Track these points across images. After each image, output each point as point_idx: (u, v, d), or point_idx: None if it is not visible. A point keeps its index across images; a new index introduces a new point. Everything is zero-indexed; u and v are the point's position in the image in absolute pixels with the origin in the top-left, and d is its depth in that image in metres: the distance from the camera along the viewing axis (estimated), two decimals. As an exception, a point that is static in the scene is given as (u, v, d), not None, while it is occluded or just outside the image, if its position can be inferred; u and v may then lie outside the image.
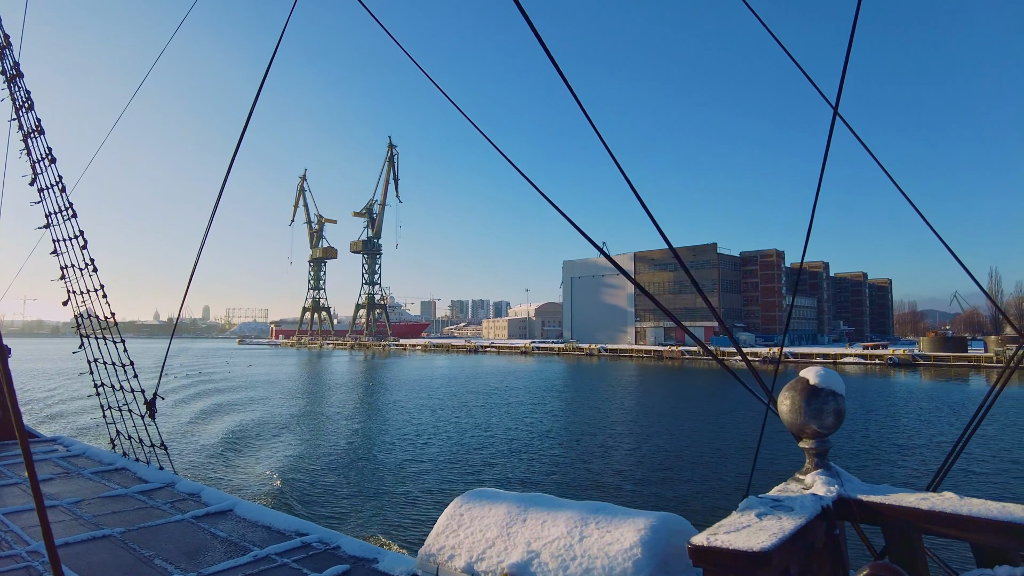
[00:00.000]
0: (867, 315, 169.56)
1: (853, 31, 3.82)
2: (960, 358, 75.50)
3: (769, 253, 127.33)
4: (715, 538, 2.27)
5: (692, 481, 19.58)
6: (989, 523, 2.33)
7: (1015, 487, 18.67)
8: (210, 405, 37.74)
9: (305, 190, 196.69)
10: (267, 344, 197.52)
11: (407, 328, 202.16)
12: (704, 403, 42.02)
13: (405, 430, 29.12)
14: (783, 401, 3.02)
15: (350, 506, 16.97)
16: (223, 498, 6.74)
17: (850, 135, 4.33)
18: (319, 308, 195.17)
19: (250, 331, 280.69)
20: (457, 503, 3.63)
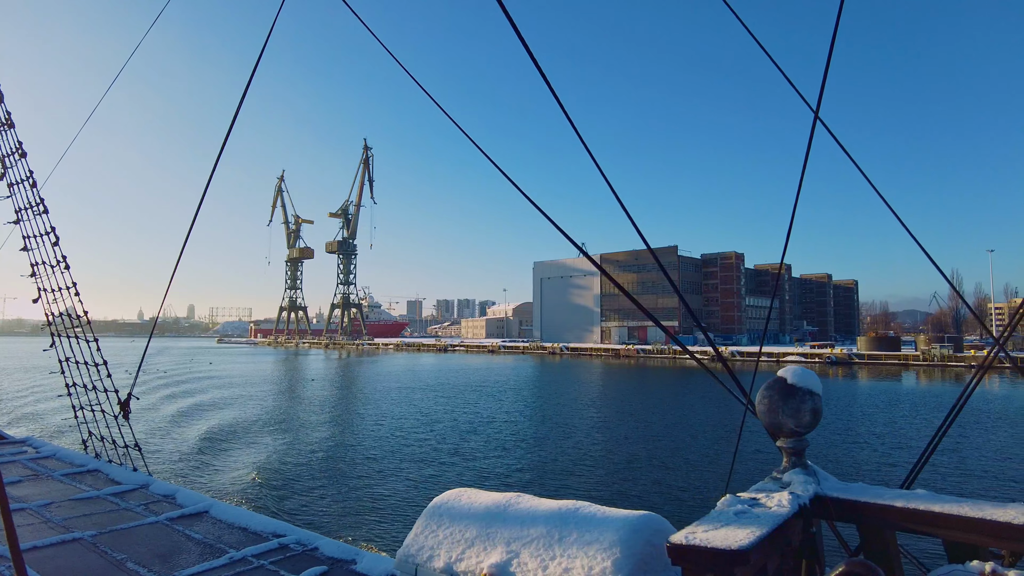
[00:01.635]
0: (831, 315, 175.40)
1: (832, 43, 3.88)
2: (891, 357, 79.53)
3: (728, 255, 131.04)
4: (693, 537, 2.29)
5: (671, 480, 19.69)
6: (960, 520, 2.39)
7: (985, 484, 19.12)
8: (187, 406, 36.96)
9: (283, 191, 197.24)
10: (246, 343, 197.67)
11: (386, 328, 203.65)
12: (673, 401, 42.65)
13: (381, 429, 29.04)
14: (761, 401, 3.03)
15: (328, 507, 16.81)
16: (199, 499, 6.61)
17: (816, 136, 4.29)
18: (296, 308, 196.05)
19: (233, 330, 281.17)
20: (436, 503, 3.64)
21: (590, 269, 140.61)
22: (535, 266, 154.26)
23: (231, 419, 31.92)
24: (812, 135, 4.11)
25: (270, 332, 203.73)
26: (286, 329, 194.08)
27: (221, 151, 5.83)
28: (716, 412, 35.02)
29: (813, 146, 4.16)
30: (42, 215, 9.50)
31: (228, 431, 28.43)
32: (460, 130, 4.37)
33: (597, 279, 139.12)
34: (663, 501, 17.26)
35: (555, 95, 3.78)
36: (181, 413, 34.07)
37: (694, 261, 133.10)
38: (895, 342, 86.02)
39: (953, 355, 75.96)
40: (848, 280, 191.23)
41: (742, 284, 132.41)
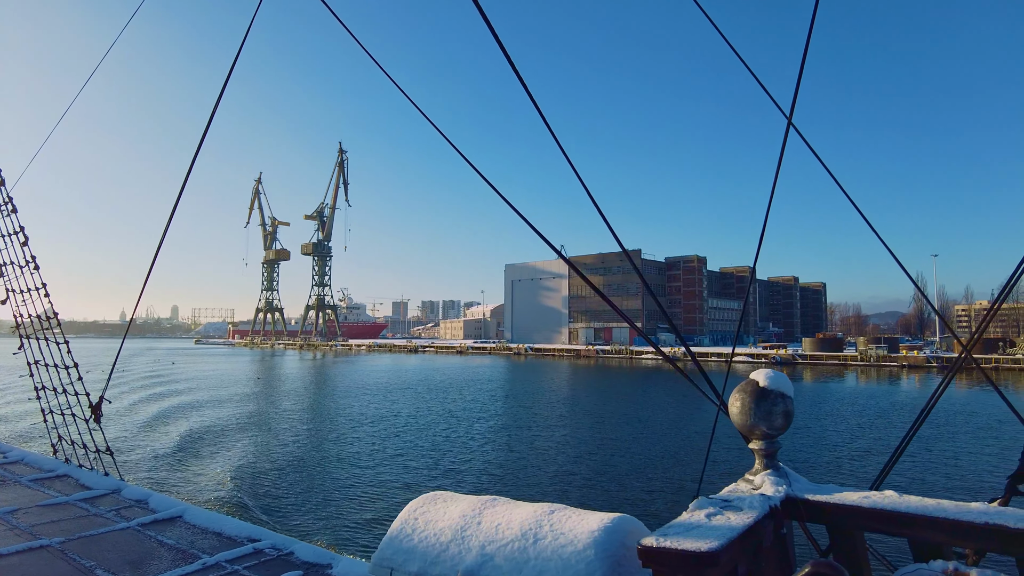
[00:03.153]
0: (798, 317, 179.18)
1: (805, 52, 3.90)
2: (833, 357, 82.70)
3: (691, 259, 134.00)
4: (664, 539, 2.29)
5: (646, 482, 19.72)
6: (924, 519, 2.43)
7: (950, 484, 19.54)
8: (160, 408, 36.24)
9: (260, 193, 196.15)
10: (223, 344, 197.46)
11: (364, 329, 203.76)
12: (640, 401, 43.04)
13: (355, 432, 28.81)
14: (733, 403, 3.06)
15: (304, 510, 16.57)
16: (172, 504, 6.46)
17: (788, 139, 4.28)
18: (272, 309, 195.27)
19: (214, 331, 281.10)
20: (412, 506, 3.62)
21: (559, 271, 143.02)
22: (506, 268, 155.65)
23: (205, 422, 31.54)
24: (785, 141, 4.16)
25: (247, 333, 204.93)
26: (262, 330, 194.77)
27: (196, 152, 5.73)
28: (685, 412, 35.56)
29: (785, 149, 4.21)
30: (11, 215, 9.25)
31: (202, 434, 28.04)
32: (440, 134, 4.26)
33: (565, 281, 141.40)
34: (637, 503, 17.35)
35: (534, 102, 3.78)
36: (154, 416, 33.46)
37: (658, 264, 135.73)
38: (838, 343, 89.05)
39: (887, 356, 79.20)
40: (816, 283, 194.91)
41: (704, 287, 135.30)
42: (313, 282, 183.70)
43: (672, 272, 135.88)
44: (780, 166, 4.14)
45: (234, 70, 5.50)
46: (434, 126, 4.35)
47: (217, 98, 5.54)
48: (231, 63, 5.39)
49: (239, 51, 5.39)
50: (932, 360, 74.40)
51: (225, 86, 5.49)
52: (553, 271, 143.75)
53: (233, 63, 5.47)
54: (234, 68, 5.52)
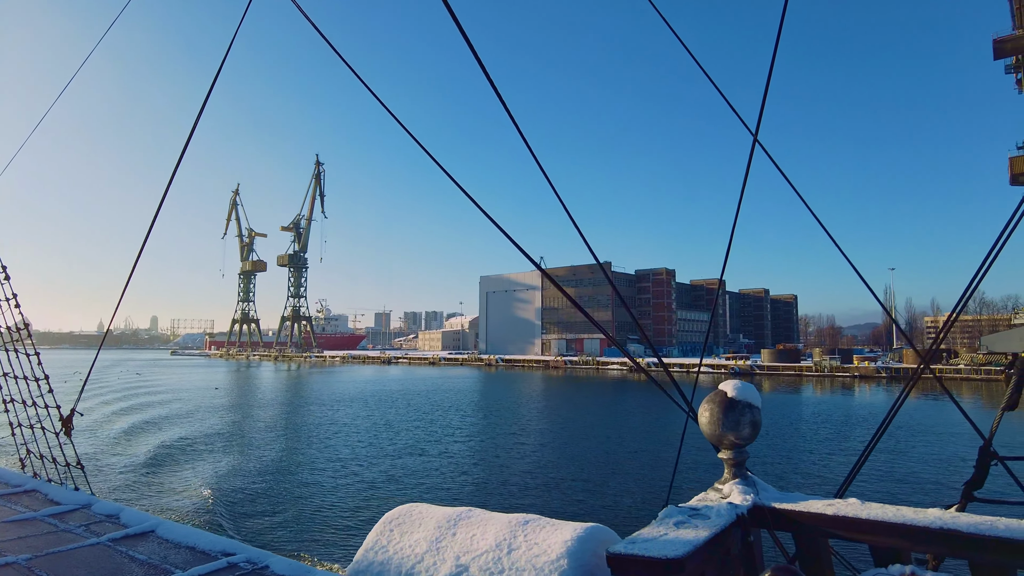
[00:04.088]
0: (768, 328, 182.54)
1: (770, 73, 3.98)
2: (788, 368, 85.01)
3: (660, 272, 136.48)
4: (632, 546, 2.34)
5: (619, 491, 19.85)
6: (884, 525, 2.50)
7: (910, 491, 20.07)
8: (133, 422, 35.58)
9: (238, 204, 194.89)
10: (199, 355, 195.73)
11: (342, 340, 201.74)
12: (611, 411, 43.56)
13: (329, 443, 28.70)
14: (703, 413, 3.09)
15: (280, 523, 16.44)
16: (144, 519, 6.32)
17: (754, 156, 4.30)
18: (248, 320, 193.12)
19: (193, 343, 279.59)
20: (387, 518, 3.60)
21: (533, 283, 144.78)
22: (481, 280, 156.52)
23: (177, 434, 31.06)
24: (751, 158, 4.18)
25: (223, 344, 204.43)
26: (238, 341, 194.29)
27: (177, 164, 5.66)
28: (654, 422, 36.00)
29: (753, 165, 4.26)
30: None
31: (174, 447, 27.58)
32: (421, 147, 4.19)
33: (539, 293, 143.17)
34: (611, 512, 17.48)
35: (511, 116, 3.74)
36: (126, 429, 32.84)
37: (628, 277, 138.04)
38: (795, 354, 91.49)
39: (840, 366, 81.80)
40: (788, 295, 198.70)
41: (673, 299, 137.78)
42: (289, 293, 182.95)
43: (642, 284, 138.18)
44: (746, 183, 4.28)
45: (211, 76, 5.40)
46: (415, 140, 4.28)
47: (197, 115, 5.47)
48: (211, 73, 5.29)
49: (219, 68, 5.30)
50: (882, 371, 77.07)
51: (205, 103, 5.42)
52: (527, 283, 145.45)
53: (214, 79, 5.38)
54: (215, 84, 5.45)
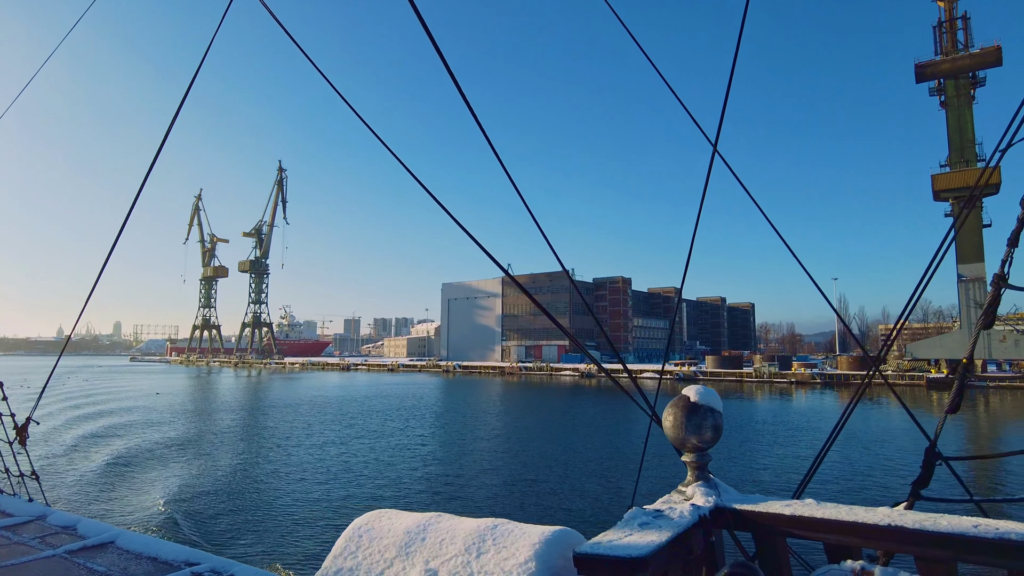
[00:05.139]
0: (726, 335, 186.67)
1: (730, 79, 4.05)
2: (730, 374, 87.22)
3: (617, 280, 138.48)
4: (598, 546, 2.40)
5: (587, 495, 20.18)
6: (838, 524, 2.61)
7: (864, 490, 20.86)
8: (91, 430, 35.13)
9: (200, 209, 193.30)
10: (160, 361, 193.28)
11: (306, 346, 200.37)
12: (573, 416, 44.05)
13: (293, 450, 28.45)
14: (666, 417, 3.17)
15: (243, 532, 16.16)
16: (103, 529, 6.08)
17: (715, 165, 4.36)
18: (209, 326, 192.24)
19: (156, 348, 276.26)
20: (356, 524, 3.58)
21: (494, 291, 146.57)
22: (443, 287, 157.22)
23: (135, 443, 30.44)
24: (710, 169, 4.24)
25: (184, 350, 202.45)
26: (198, 347, 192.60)
27: (148, 173, 5.50)
28: (616, 426, 36.37)
29: (713, 174, 4.31)
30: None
31: (133, 455, 27.03)
32: (392, 154, 4.14)
33: (499, 300, 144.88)
34: (578, 515, 17.66)
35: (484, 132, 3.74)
36: (82, 437, 32.34)
37: (586, 285, 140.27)
38: (738, 361, 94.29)
39: (778, 372, 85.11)
40: (745, 303, 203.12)
41: (630, 306, 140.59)
42: (250, 299, 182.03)
43: (599, 292, 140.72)
44: (705, 194, 4.34)
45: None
46: (387, 147, 4.21)
47: (169, 124, 5.34)
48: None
49: (194, 76, 5.18)
50: (817, 377, 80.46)
51: (178, 111, 5.30)
52: (488, 290, 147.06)
53: (187, 91, 5.24)
54: (189, 92, 5.35)
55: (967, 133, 79.97)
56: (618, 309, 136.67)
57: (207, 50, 5.12)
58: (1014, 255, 3.22)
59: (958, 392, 3.31)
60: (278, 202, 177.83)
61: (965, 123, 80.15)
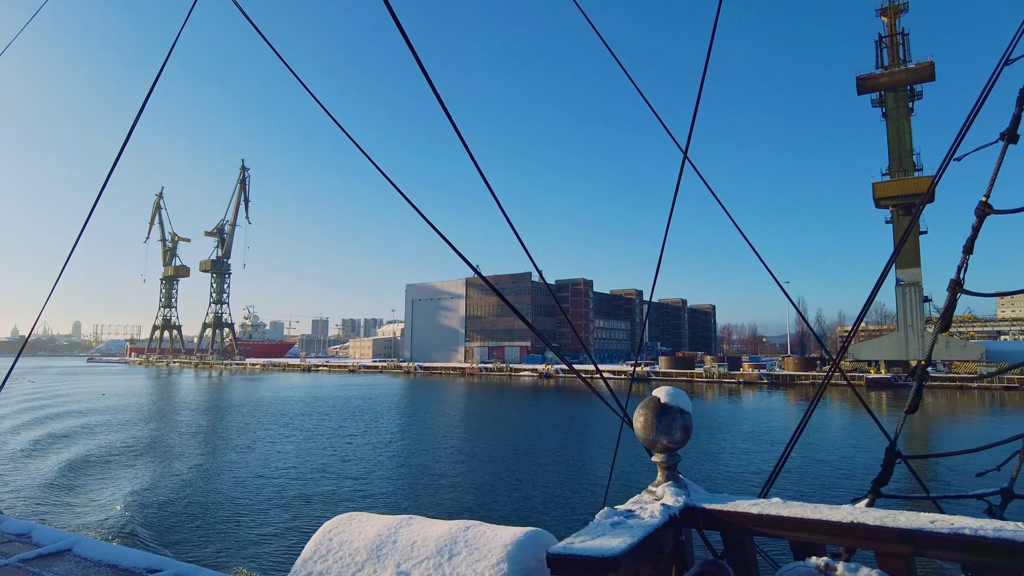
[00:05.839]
0: (686, 337, 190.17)
1: (699, 93, 4.07)
2: (682, 374, 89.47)
3: (579, 282, 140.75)
4: (570, 546, 2.41)
5: (559, 495, 20.22)
6: (803, 522, 2.65)
7: (829, 488, 21.14)
8: (44, 434, 33.65)
9: (161, 207, 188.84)
10: (119, 362, 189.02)
11: (269, 347, 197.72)
12: (539, 416, 44.27)
13: (257, 453, 27.88)
14: (637, 418, 3.18)
15: (210, 536, 15.84)
16: (60, 537, 5.78)
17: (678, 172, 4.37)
18: (170, 326, 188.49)
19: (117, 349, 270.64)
20: (326, 527, 3.51)
21: (457, 292, 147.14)
22: (407, 288, 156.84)
23: (91, 446, 29.38)
24: (680, 175, 4.25)
25: (144, 351, 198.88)
26: (158, 348, 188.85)
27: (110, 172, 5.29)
28: (583, 426, 36.75)
29: (674, 177, 4.33)
30: None
31: (88, 460, 26.17)
32: (359, 149, 3.97)
33: (463, 302, 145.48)
34: (550, 516, 17.70)
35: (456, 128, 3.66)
36: (35, 442, 30.99)
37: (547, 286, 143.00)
38: (690, 361, 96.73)
39: (727, 373, 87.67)
40: (706, 305, 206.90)
41: (591, 308, 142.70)
42: (211, 300, 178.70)
43: (561, 294, 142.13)
44: (675, 201, 4.37)
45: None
46: (355, 143, 4.03)
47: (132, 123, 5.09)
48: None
49: (158, 75, 4.96)
50: (764, 377, 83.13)
51: (141, 111, 5.03)
52: (452, 291, 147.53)
53: (151, 88, 5.02)
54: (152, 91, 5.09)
55: (905, 144, 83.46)
56: (579, 311, 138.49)
57: (172, 47, 4.88)
58: (969, 261, 3.23)
59: (917, 393, 3.36)
60: (240, 201, 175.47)
61: (904, 134, 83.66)
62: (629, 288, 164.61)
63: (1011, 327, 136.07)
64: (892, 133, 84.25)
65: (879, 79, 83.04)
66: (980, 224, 3.18)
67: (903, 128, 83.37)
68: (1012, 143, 3.14)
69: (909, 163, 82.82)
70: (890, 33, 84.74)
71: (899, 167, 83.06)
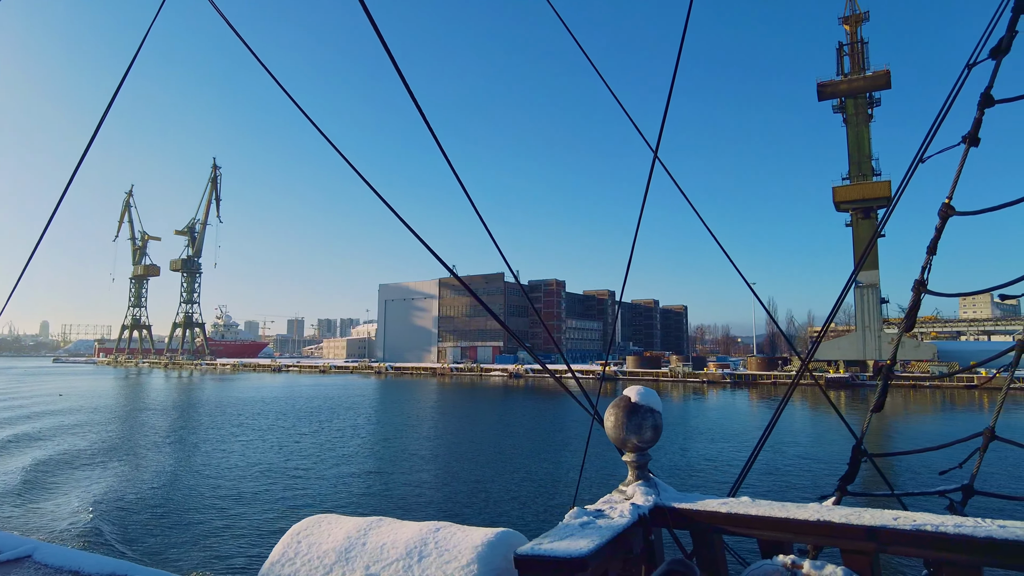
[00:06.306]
0: (658, 337, 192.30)
1: (670, 95, 4.11)
2: (648, 373, 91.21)
3: (551, 282, 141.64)
4: (539, 547, 2.40)
5: (529, 496, 20.07)
6: (770, 520, 2.66)
7: (796, 487, 21.27)
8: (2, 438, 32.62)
9: (131, 206, 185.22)
10: (86, 362, 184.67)
11: (241, 347, 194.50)
12: (509, 417, 44.47)
13: (216, 456, 27.49)
14: (608, 418, 3.17)
15: (175, 540, 15.59)
16: (20, 542, 5.21)
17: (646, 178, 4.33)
18: (139, 326, 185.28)
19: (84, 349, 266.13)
20: (295, 530, 3.41)
21: (430, 292, 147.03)
22: (380, 288, 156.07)
23: (50, 450, 28.72)
24: (651, 175, 4.26)
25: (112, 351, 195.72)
26: (127, 348, 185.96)
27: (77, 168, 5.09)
28: (554, 426, 36.98)
29: (646, 177, 4.30)
30: None
31: (48, 463, 25.61)
32: (333, 147, 3.89)
33: (436, 302, 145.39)
34: (521, 516, 17.59)
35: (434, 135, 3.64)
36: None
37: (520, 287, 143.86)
38: (656, 361, 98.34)
39: (692, 372, 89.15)
40: (678, 305, 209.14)
41: (563, 308, 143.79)
42: (181, 299, 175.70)
43: (534, 295, 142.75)
44: (645, 200, 4.38)
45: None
46: (329, 141, 4.02)
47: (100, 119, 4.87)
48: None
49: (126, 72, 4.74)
50: (727, 377, 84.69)
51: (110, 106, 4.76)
52: (425, 292, 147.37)
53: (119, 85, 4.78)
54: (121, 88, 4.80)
55: (865, 149, 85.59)
56: (552, 311, 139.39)
57: (140, 44, 4.70)
58: (932, 262, 3.25)
59: (883, 392, 3.37)
60: (212, 200, 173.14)
61: (863, 140, 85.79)
62: (602, 289, 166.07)
63: (968, 328, 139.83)
64: (852, 139, 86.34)
65: (838, 86, 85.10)
66: (943, 225, 3.16)
67: (863, 134, 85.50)
68: (973, 146, 3.14)
69: (868, 168, 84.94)
70: (851, 41, 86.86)
71: (859, 172, 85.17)
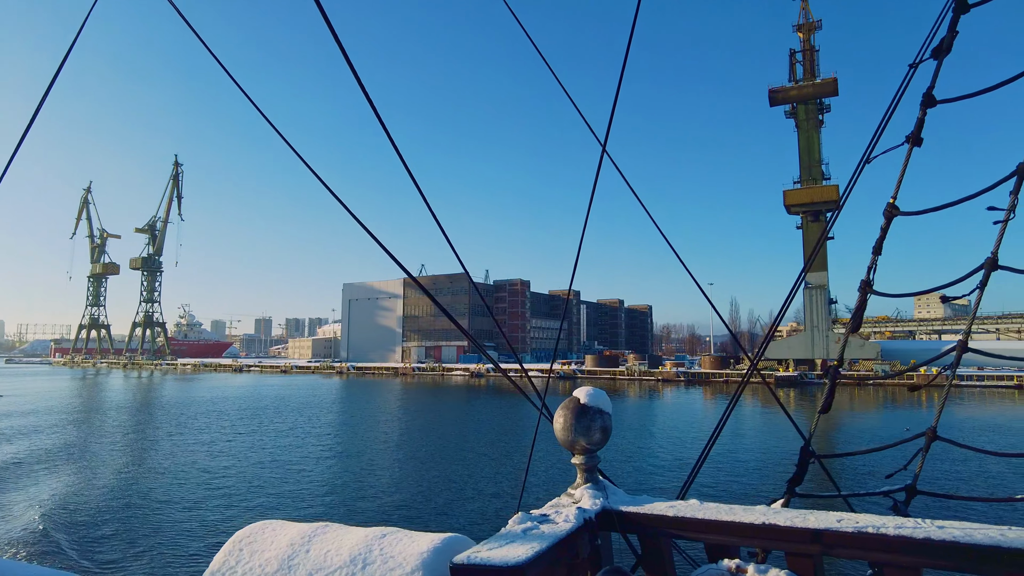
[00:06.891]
0: (623, 336, 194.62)
1: (619, 89, 4.09)
2: (606, 372, 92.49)
3: (515, 282, 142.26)
4: (476, 555, 2.33)
5: (480, 499, 19.78)
6: (717, 524, 2.60)
7: (747, 488, 21.31)
8: None
9: (89, 203, 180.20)
10: (41, 363, 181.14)
11: (204, 347, 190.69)
12: (466, 417, 44.47)
13: (171, 460, 26.79)
14: (557, 419, 3.10)
15: (125, 549, 15.47)
16: None
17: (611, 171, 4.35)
18: (98, 325, 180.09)
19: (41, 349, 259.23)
20: (237, 537, 3.25)
21: (395, 292, 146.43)
22: (344, 287, 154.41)
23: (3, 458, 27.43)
24: (599, 169, 4.25)
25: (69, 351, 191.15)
26: (84, 348, 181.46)
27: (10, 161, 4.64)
28: (511, 427, 36.89)
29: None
30: None
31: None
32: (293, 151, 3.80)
33: (400, 301, 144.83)
34: (474, 519, 17.46)
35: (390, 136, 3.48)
36: None
37: (486, 287, 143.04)
38: (615, 360, 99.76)
39: (647, 371, 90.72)
40: (643, 305, 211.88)
41: (528, 308, 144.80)
42: (142, 298, 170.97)
43: (499, 294, 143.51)
44: (593, 196, 4.36)
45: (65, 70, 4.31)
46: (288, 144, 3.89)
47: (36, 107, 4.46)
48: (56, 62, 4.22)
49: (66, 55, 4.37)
50: (680, 375, 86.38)
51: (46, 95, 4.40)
52: (389, 291, 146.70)
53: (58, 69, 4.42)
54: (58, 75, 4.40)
55: (815, 154, 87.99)
56: (516, 311, 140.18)
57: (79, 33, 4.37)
58: (878, 262, 3.24)
59: (830, 393, 3.34)
60: (173, 198, 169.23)
61: (814, 144, 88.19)
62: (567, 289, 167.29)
63: (919, 327, 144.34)
64: (803, 143, 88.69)
65: (789, 92, 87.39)
66: (888, 225, 3.16)
67: (813, 139, 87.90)
68: (917, 146, 3.15)
69: (819, 172, 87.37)
70: (804, 48, 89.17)
71: (809, 176, 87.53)
